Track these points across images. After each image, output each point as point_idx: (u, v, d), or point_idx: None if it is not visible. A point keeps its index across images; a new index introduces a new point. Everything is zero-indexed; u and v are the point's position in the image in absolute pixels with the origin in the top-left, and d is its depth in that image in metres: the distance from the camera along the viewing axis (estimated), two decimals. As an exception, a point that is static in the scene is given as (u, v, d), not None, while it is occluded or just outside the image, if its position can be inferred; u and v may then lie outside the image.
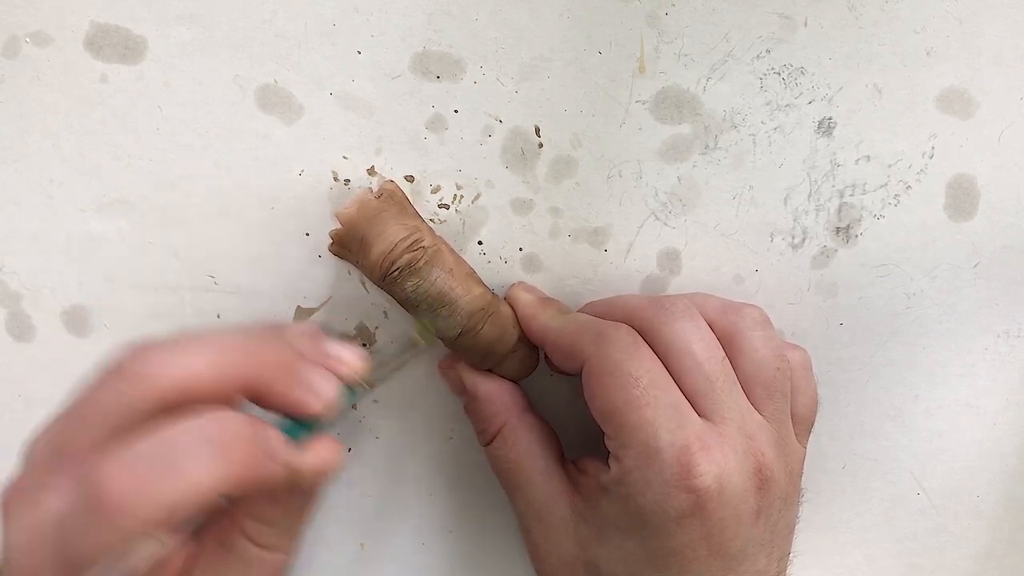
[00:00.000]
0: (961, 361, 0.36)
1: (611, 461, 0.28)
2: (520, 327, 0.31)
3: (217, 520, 0.27)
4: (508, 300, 0.32)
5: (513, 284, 0.33)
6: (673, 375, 0.28)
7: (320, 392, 0.26)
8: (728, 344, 0.29)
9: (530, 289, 0.32)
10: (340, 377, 0.27)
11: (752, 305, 0.30)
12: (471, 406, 0.32)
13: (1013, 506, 0.38)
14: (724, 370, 0.28)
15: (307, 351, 0.27)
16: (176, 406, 0.22)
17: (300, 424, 0.26)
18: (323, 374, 0.26)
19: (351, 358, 0.28)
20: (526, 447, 0.31)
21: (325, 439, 0.27)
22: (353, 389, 0.28)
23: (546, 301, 0.32)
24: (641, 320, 0.29)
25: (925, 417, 0.37)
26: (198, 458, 0.21)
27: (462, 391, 0.32)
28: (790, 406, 0.30)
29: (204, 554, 0.26)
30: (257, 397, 0.25)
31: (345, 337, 0.33)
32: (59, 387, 0.24)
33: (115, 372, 0.23)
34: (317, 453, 0.26)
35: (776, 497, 0.28)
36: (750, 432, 0.28)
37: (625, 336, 0.28)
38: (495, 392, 0.31)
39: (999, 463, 0.37)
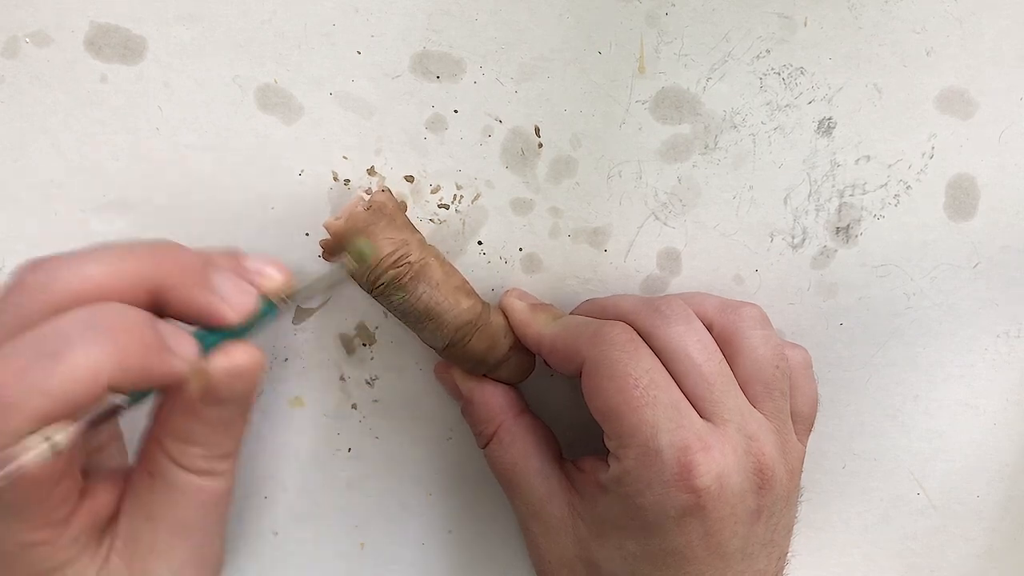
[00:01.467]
0: (961, 361, 0.36)
1: (610, 460, 0.28)
2: (514, 334, 0.31)
3: (144, 449, 0.25)
4: (501, 308, 0.32)
5: (505, 291, 0.32)
6: (672, 377, 0.28)
7: (234, 301, 0.24)
8: (726, 344, 0.29)
9: (523, 296, 0.32)
10: (258, 288, 0.25)
11: (750, 304, 0.30)
12: (467, 409, 0.32)
13: (1013, 506, 0.38)
14: (722, 371, 0.28)
15: (223, 263, 0.26)
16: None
17: (218, 336, 0.25)
18: (238, 283, 0.25)
19: (271, 271, 0.26)
20: (522, 448, 0.31)
21: (239, 343, 0.25)
22: (273, 303, 0.26)
23: (539, 307, 0.32)
24: (636, 323, 0.29)
25: (925, 417, 0.37)
26: (82, 343, 0.20)
27: (458, 395, 0.32)
28: (790, 404, 0.30)
29: (131, 484, 0.25)
30: (164, 304, 0.23)
31: (343, 337, 0.33)
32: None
33: (14, 286, 0.22)
34: (228, 355, 0.24)
35: (777, 496, 0.28)
36: (750, 432, 0.28)
37: (622, 334, 0.28)
38: (490, 396, 0.31)
39: (999, 463, 0.37)
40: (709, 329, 0.29)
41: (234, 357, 0.24)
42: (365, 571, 0.35)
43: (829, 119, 0.33)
